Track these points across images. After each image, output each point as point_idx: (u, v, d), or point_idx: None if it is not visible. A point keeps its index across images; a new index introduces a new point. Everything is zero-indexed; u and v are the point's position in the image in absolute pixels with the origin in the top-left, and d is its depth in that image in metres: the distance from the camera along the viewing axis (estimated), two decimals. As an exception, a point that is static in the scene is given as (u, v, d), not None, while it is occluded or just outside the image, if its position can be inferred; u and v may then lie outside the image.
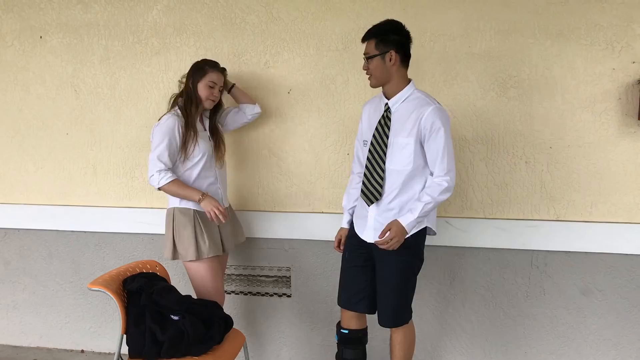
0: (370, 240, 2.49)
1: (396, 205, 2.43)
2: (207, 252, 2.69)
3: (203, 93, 2.73)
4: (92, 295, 3.46)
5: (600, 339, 2.94)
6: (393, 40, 2.36)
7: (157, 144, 2.64)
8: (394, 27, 2.40)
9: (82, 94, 3.33)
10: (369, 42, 2.41)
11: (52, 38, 3.32)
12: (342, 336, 2.66)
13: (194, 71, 2.75)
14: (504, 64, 2.85)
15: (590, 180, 2.85)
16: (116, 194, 3.37)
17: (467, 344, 3.09)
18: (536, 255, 2.94)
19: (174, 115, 2.69)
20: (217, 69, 2.77)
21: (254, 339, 3.32)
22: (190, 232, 2.68)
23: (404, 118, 2.39)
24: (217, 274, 2.77)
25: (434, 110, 2.34)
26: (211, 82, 2.73)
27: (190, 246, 2.67)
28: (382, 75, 2.40)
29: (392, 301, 2.50)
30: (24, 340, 3.64)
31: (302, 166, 3.13)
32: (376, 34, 2.38)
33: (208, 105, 2.77)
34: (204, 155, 2.73)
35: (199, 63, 2.77)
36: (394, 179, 2.41)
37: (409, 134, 2.37)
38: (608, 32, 2.74)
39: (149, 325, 2.35)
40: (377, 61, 2.38)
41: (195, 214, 2.70)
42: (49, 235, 3.50)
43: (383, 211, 2.46)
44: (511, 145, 2.90)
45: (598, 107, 2.80)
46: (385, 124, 2.44)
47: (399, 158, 2.39)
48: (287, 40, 3.05)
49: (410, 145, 2.37)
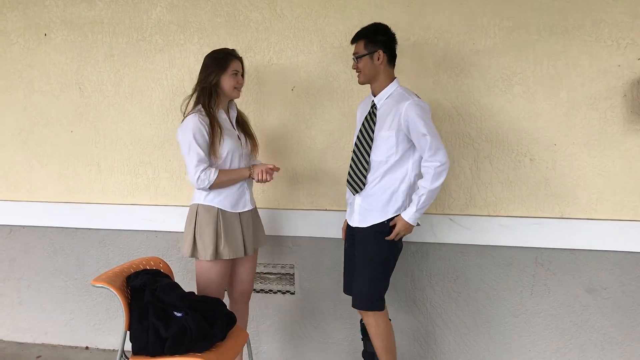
0: (355, 224, 2.66)
1: (377, 190, 2.59)
2: (224, 254, 2.62)
3: (228, 84, 2.62)
4: (96, 292, 3.47)
5: (605, 337, 2.93)
6: (381, 41, 2.54)
7: (189, 145, 2.54)
8: (381, 29, 2.58)
9: (87, 91, 3.34)
10: (358, 42, 2.58)
11: (57, 35, 3.33)
12: (363, 327, 2.72)
13: (214, 64, 2.62)
14: (508, 60, 2.84)
15: (595, 178, 2.83)
16: (120, 191, 3.38)
17: (471, 341, 3.08)
18: (541, 253, 2.93)
19: (196, 114, 2.57)
20: (236, 56, 2.67)
21: (257, 336, 3.32)
22: (211, 231, 2.60)
23: (386, 113, 2.56)
24: (223, 278, 2.71)
25: (411, 104, 2.49)
26: (234, 70, 2.63)
27: (209, 245, 2.60)
28: (370, 72, 2.58)
29: (360, 284, 2.62)
30: (28, 337, 3.66)
31: (306, 163, 3.13)
32: (365, 35, 2.56)
33: (236, 94, 2.67)
34: (229, 154, 2.62)
35: (216, 54, 2.66)
36: (378, 169, 2.58)
37: (390, 127, 2.53)
38: (613, 29, 2.73)
39: (152, 321, 2.36)
40: (366, 60, 2.56)
41: (219, 212, 2.62)
42: (53, 232, 3.51)
43: (366, 196, 2.62)
44: (515, 143, 2.89)
45: (603, 104, 2.78)
46: (371, 119, 2.61)
47: (383, 150, 2.56)
48: (291, 37, 3.05)
49: (392, 138, 2.53)
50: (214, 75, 2.60)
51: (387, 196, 2.56)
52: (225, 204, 2.65)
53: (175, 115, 3.23)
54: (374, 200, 2.59)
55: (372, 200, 2.59)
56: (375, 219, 2.58)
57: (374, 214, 2.58)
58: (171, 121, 3.25)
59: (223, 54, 2.65)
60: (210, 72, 2.61)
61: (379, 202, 2.57)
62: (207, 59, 2.67)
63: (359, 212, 2.63)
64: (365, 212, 2.61)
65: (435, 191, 2.49)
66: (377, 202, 2.58)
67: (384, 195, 2.57)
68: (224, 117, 2.68)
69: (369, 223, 2.60)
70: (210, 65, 2.63)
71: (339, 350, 3.24)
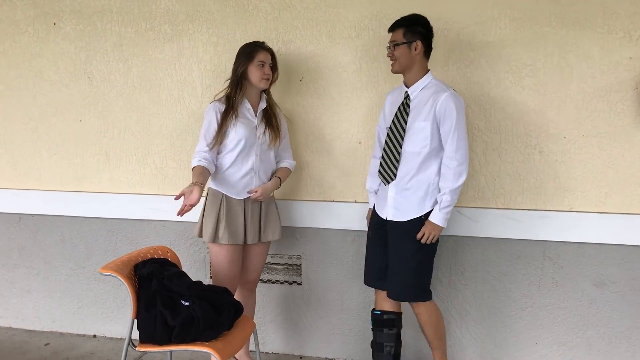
0: (390, 217, 2.65)
1: (413, 184, 2.59)
2: (222, 239, 2.71)
3: (255, 75, 2.71)
4: (104, 280, 3.49)
5: (613, 331, 2.92)
6: (420, 32, 2.57)
7: (201, 132, 2.74)
8: (421, 20, 2.60)
9: (95, 80, 3.34)
10: (396, 31, 2.59)
11: (66, 25, 3.33)
12: (375, 318, 2.74)
13: (240, 56, 2.74)
14: (519, 52, 2.82)
15: (605, 171, 2.81)
16: (129, 181, 3.39)
17: (478, 333, 3.08)
18: (549, 246, 2.92)
19: (215, 102, 2.75)
20: (263, 47, 2.75)
21: (264, 326, 3.34)
22: (214, 215, 2.73)
23: (422, 104, 2.57)
24: (233, 262, 2.77)
25: (448, 96, 2.52)
26: (260, 62, 2.71)
27: (209, 227, 2.72)
28: (406, 61, 2.58)
29: (403, 276, 2.62)
30: (37, 325, 3.69)
31: (313, 154, 3.13)
32: (405, 24, 2.57)
33: (263, 85, 2.75)
34: (240, 142, 2.71)
35: (244, 46, 2.76)
36: (411, 160, 2.58)
37: (425, 118, 2.55)
38: (625, 20, 2.70)
39: (159, 310, 2.37)
40: (404, 49, 2.56)
41: (223, 198, 2.74)
42: (62, 221, 3.53)
43: (401, 190, 2.62)
44: (525, 135, 2.87)
45: (614, 97, 2.76)
46: (404, 110, 2.61)
47: (417, 141, 2.57)
48: (300, 27, 3.04)
49: (427, 129, 2.54)
50: (242, 66, 2.71)
51: (423, 191, 2.58)
52: (230, 190, 2.75)
53: (184, 105, 3.24)
54: (410, 194, 2.59)
55: (409, 194, 2.60)
56: (413, 214, 2.59)
57: (412, 208, 2.60)
58: (179, 111, 3.25)
59: (251, 46, 2.75)
60: (239, 63, 2.73)
61: (415, 197, 2.59)
62: (238, 51, 2.78)
63: (394, 205, 2.63)
64: (401, 207, 2.61)
65: (458, 190, 2.53)
66: (414, 197, 2.59)
67: (420, 190, 2.58)
68: (247, 106, 2.77)
69: (406, 218, 2.60)
70: (239, 57, 2.75)
71: (345, 340, 3.24)
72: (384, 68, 2.96)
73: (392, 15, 2.89)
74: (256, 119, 2.78)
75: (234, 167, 2.74)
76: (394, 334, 2.72)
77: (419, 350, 3.14)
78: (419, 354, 3.15)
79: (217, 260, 2.77)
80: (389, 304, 2.73)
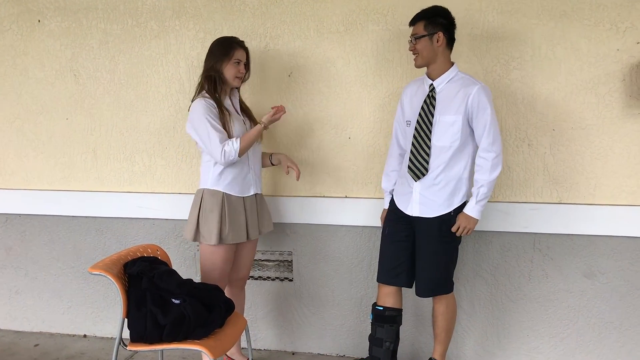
0: (416, 214, 2.61)
1: (442, 179, 2.56)
2: (228, 239, 2.66)
3: (230, 73, 2.66)
4: (94, 280, 3.46)
5: (603, 322, 2.94)
6: (441, 23, 2.51)
7: (205, 127, 2.57)
8: (442, 11, 2.55)
9: (82, 78, 3.31)
10: (417, 24, 2.54)
11: (51, 22, 3.29)
12: (377, 313, 2.73)
13: (216, 51, 2.66)
14: (507, 45, 2.82)
15: (594, 163, 2.83)
16: (117, 179, 3.36)
17: (469, 326, 3.09)
18: (539, 238, 2.93)
19: (202, 99, 2.62)
20: (241, 45, 2.70)
21: (256, 323, 3.33)
22: (216, 216, 2.64)
23: (450, 97, 2.53)
24: (228, 261, 2.75)
25: (480, 89, 2.49)
26: (236, 60, 2.66)
27: (214, 230, 2.64)
28: (428, 54, 2.53)
29: (431, 274, 2.63)
30: (26, 325, 3.65)
31: (303, 150, 3.11)
32: (425, 16, 2.52)
33: (237, 83, 2.71)
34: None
35: (221, 41, 2.69)
36: (440, 155, 2.54)
37: (456, 112, 2.51)
38: (612, 13, 2.71)
39: (150, 308, 2.35)
40: (425, 41, 2.52)
41: (224, 197, 2.67)
42: (50, 221, 3.49)
43: (429, 186, 2.58)
44: (514, 128, 2.88)
45: (602, 89, 2.77)
46: (430, 103, 2.57)
47: (446, 135, 2.53)
48: (288, 22, 3.02)
49: (458, 123, 2.51)
50: (218, 62, 2.65)
51: (452, 186, 2.55)
52: (231, 189, 2.69)
53: (171, 102, 3.21)
54: (438, 190, 2.56)
55: (437, 190, 2.56)
56: (442, 210, 2.57)
57: (440, 204, 2.57)
58: (167, 108, 3.22)
59: (228, 42, 2.68)
60: (216, 58, 2.65)
61: (444, 192, 2.56)
62: (212, 46, 2.71)
63: (421, 202, 2.59)
64: (429, 203, 2.58)
65: (494, 182, 2.51)
66: (443, 193, 2.56)
67: (449, 186, 2.55)
68: (228, 102, 2.72)
69: (435, 214, 2.58)
70: (215, 52, 2.68)
71: (336, 336, 3.24)
72: (372, 62, 2.95)
73: (380, 9, 2.90)
74: (241, 113, 2.76)
75: (233, 165, 2.67)
76: (394, 330, 2.73)
77: (417, 348, 3.15)
78: (415, 351, 3.15)
79: (212, 259, 2.71)
80: (392, 299, 2.72)
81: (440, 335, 2.74)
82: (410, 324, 3.11)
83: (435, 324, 2.74)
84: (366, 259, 3.13)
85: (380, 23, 2.92)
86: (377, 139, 3.02)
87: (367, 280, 3.14)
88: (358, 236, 3.12)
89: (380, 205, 2.98)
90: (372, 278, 3.09)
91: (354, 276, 3.16)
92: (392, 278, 2.70)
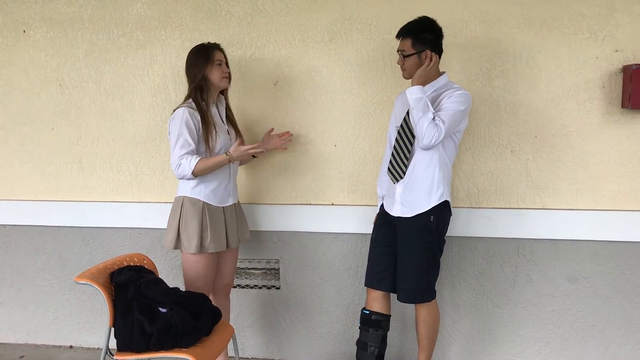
0: (398, 213, 2.64)
1: (418, 178, 2.57)
2: (210, 248, 2.66)
3: (216, 75, 2.66)
4: (80, 290, 3.44)
5: (586, 326, 2.98)
6: (429, 41, 2.52)
7: (176, 135, 2.57)
8: (428, 26, 2.54)
9: (67, 88, 3.30)
10: (404, 40, 2.55)
11: (36, 32, 3.29)
12: (364, 317, 2.75)
13: (197, 59, 2.66)
14: (489, 53, 2.87)
15: (575, 169, 2.87)
16: (103, 189, 3.35)
17: (455, 331, 3.11)
18: (522, 243, 2.97)
19: (185, 107, 2.61)
20: (218, 47, 2.72)
21: (243, 331, 3.32)
22: (196, 224, 2.64)
23: (434, 104, 2.53)
24: (211, 270, 2.75)
25: (452, 91, 2.51)
26: (218, 61, 2.67)
27: (194, 238, 2.63)
28: (416, 70, 2.53)
29: (410, 280, 2.64)
30: (11, 337, 3.62)
31: (289, 158, 3.13)
32: (411, 33, 2.53)
33: (224, 84, 2.71)
34: (222, 149, 2.66)
35: (197, 48, 2.70)
36: (419, 157, 2.56)
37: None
38: (591, 21, 2.76)
39: (136, 317, 2.35)
40: (414, 59, 2.54)
41: (204, 206, 2.66)
42: (35, 231, 3.47)
43: (408, 186, 2.61)
44: (497, 135, 2.92)
45: (582, 96, 2.82)
46: None
47: None
48: (273, 32, 3.05)
49: None
50: (201, 68, 2.64)
51: (428, 184, 2.56)
52: (211, 198, 2.69)
53: (158, 111, 3.22)
54: (416, 190, 2.58)
55: (414, 190, 2.59)
56: (420, 209, 2.58)
57: (419, 203, 2.58)
58: (153, 117, 3.23)
59: (205, 47, 2.69)
60: (197, 67, 2.65)
61: (422, 190, 2.57)
62: (190, 56, 2.71)
63: (402, 202, 2.62)
64: (407, 203, 2.60)
65: (418, 122, 2.43)
66: (421, 190, 2.57)
67: (426, 183, 2.56)
68: (214, 111, 2.72)
69: (414, 213, 2.59)
70: (194, 61, 2.67)
71: (324, 344, 3.25)
72: (357, 71, 2.98)
73: (364, 19, 2.93)
74: (225, 122, 2.77)
75: (210, 176, 2.67)
76: (380, 335, 2.74)
77: (403, 354, 3.16)
78: (402, 357, 3.17)
79: (196, 268, 2.70)
80: (379, 304, 2.74)
81: (422, 342, 2.75)
82: (397, 330, 3.13)
83: (418, 331, 2.75)
84: (353, 266, 3.14)
85: (365, 32, 2.95)
86: (363, 147, 3.04)
87: (354, 287, 3.16)
88: (345, 243, 3.13)
89: (366, 212, 3.01)
90: (360, 285, 3.11)
91: (341, 283, 3.17)
92: (377, 282, 2.73)
